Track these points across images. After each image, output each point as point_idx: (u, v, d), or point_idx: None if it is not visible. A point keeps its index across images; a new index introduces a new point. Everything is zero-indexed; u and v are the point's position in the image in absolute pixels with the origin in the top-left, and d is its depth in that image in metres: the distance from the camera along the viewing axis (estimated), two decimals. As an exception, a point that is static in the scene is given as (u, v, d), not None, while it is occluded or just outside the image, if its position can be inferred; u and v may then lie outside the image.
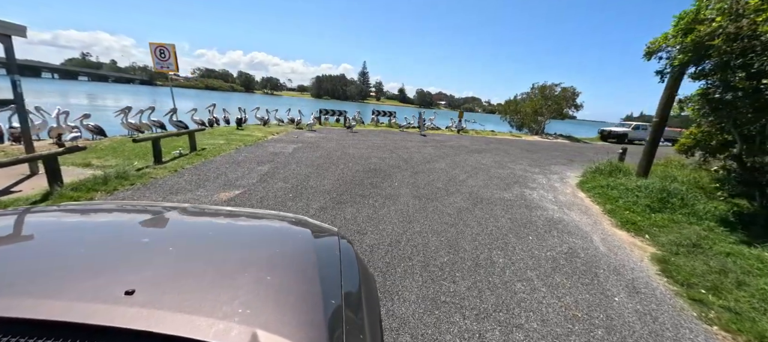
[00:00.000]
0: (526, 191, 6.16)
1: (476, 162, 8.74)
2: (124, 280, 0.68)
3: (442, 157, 9.01)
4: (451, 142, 12.63)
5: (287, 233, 1.16)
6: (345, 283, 0.87)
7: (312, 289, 0.78)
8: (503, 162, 9.23)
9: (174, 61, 8.69)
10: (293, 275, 0.82)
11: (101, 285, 0.67)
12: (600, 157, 12.30)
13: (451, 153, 9.88)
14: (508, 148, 12.45)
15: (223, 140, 8.32)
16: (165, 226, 1.08)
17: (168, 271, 0.77)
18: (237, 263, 0.84)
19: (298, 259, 0.92)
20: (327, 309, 0.72)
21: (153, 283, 0.69)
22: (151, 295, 0.64)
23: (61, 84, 74.00)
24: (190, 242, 0.98)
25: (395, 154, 8.62)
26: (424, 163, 7.80)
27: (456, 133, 16.97)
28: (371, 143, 10.39)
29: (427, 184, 5.87)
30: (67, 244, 0.88)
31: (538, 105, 20.01)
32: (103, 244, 0.91)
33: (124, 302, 0.61)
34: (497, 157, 10.06)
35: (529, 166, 9.05)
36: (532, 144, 15.23)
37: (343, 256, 1.01)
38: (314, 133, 11.92)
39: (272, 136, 10.19)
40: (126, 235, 0.98)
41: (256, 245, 1.02)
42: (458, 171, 7.32)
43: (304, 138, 10.45)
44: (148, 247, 0.87)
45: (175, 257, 0.84)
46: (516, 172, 7.90)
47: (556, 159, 10.95)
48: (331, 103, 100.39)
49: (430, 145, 11.13)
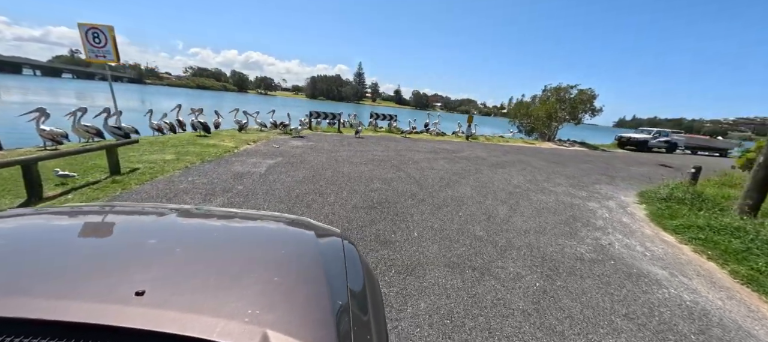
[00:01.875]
0: (599, 237, 4.23)
1: (506, 182, 6.79)
2: (134, 280, 0.68)
3: (461, 175, 7.05)
4: (464, 153, 10.69)
5: (291, 234, 1.16)
6: (350, 283, 0.87)
7: (319, 289, 0.77)
8: (538, 181, 7.31)
9: (113, 48, 6.58)
10: (300, 276, 0.83)
11: (112, 286, 0.67)
12: (635, 170, 10.45)
13: (471, 168, 7.93)
14: (530, 160, 10.55)
15: (173, 154, 6.22)
16: (171, 228, 1.07)
17: (176, 271, 0.77)
18: (244, 264, 0.85)
19: (304, 260, 0.91)
20: (335, 308, 0.71)
21: (162, 284, 0.69)
22: (161, 296, 0.64)
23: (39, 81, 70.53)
24: (197, 243, 0.98)
25: (403, 173, 6.63)
26: (443, 187, 5.82)
27: (465, 139, 15.05)
28: (371, 155, 8.38)
29: (460, 232, 3.88)
30: (76, 245, 0.89)
31: (553, 109, 18.20)
32: (111, 245, 0.90)
33: (135, 302, 0.61)
34: (526, 172, 8.14)
35: (572, 187, 7.14)
36: (553, 153, 13.38)
37: (347, 256, 1.01)
38: (302, 141, 9.87)
39: (247, 146, 8.13)
40: (134, 236, 0.97)
41: (261, 246, 1.01)
42: (492, 200, 5.36)
43: (288, 148, 8.40)
44: (156, 248, 0.87)
45: (182, 258, 0.84)
46: (563, 199, 5.97)
47: (592, 174, 9.06)
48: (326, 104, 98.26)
49: (443, 157, 9.17)
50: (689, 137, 20.92)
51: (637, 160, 14.16)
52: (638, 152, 18.12)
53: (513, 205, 5.22)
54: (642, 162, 13.39)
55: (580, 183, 7.70)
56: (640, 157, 15.26)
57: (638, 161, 13.53)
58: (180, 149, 6.64)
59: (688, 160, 16.04)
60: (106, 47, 6.59)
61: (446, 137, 15.52)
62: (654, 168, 11.73)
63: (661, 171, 11.01)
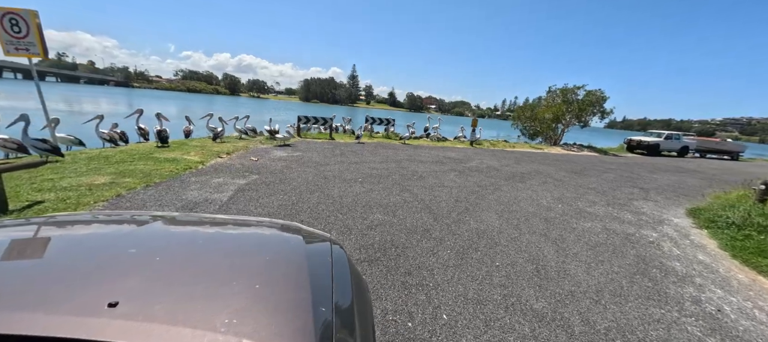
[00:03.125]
0: (696, 297, 2.96)
1: (533, 203, 5.52)
2: (107, 291, 0.65)
3: (478, 193, 5.76)
4: (473, 162, 9.42)
5: (278, 240, 1.12)
6: (336, 290, 0.85)
7: (302, 296, 0.75)
8: (568, 199, 6.06)
9: (37, 39, 5.16)
10: (283, 283, 0.80)
11: (83, 297, 0.64)
12: (662, 180, 9.28)
13: (487, 183, 6.65)
14: (547, 169, 9.33)
15: (111, 175, 4.78)
16: (153, 236, 1.03)
17: (154, 281, 0.74)
18: (225, 272, 0.82)
19: (288, 267, 0.89)
20: (317, 316, 0.70)
21: (138, 295, 0.67)
22: (135, 307, 0.62)
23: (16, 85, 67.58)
24: (178, 251, 0.94)
25: (409, 194, 5.31)
26: (462, 215, 4.52)
27: (469, 145, 13.81)
28: (368, 169, 7.04)
29: (508, 306, 2.56)
30: (46, 256, 0.84)
31: (560, 111, 17.08)
32: (86, 255, 0.86)
33: (107, 315, 0.59)
34: (550, 187, 6.89)
35: (609, 206, 5.91)
36: (566, 160, 12.20)
37: (335, 262, 0.99)
38: (287, 151, 8.49)
39: (217, 160, 6.73)
40: (111, 245, 0.94)
41: (245, 253, 0.99)
42: (529, 234, 4.07)
43: (269, 161, 7.03)
44: (134, 258, 0.84)
45: (162, 267, 0.81)
46: (611, 227, 4.74)
47: (621, 186, 7.86)
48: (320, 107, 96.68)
49: (450, 169, 7.88)
50: (700, 140, 20.01)
51: (655, 165, 13.07)
52: (649, 157, 17.11)
53: (558, 242, 3.93)
54: (662, 168, 12.29)
55: (615, 200, 6.48)
56: (657, 163, 14.19)
57: (657, 167, 12.44)
58: (124, 167, 5.21)
59: (707, 166, 15.05)
60: (28, 38, 5.15)
61: (448, 143, 14.26)
62: (679, 176, 10.61)
63: (689, 180, 9.89)
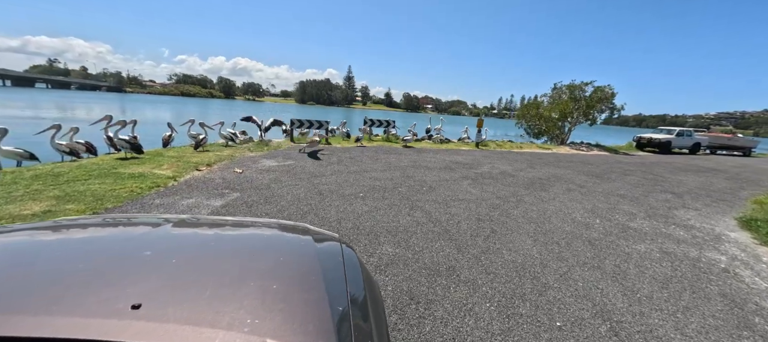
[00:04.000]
0: None
1: (567, 219, 4.67)
2: (129, 294, 0.66)
3: (501, 208, 4.89)
4: (484, 167, 8.56)
5: (289, 241, 1.12)
6: (350, 289, 0.85)
7: (318, 295, 0.75)
8: (602, 211, 5.22)
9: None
10: (298, 282, 0.80)
11: (107, 300, 0.64)
12: (688, 181, 8.46)
13: (506, 194, 5.78)
14: (565, 173, 8.50)
15: (50, 200, 3.79)
16: (167, 238, 1.03)
17: (173, 283, 0.74)
18: (241, 272, 0.82)
19: (302, 266, 0.89)
20: (334, 315, 0.70)
21: (159, 296, 0.67)
22: (157, 309, 0.62)
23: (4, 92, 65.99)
24: (194, 253, 0.95)
25: (421, 213, 4.43)
26: (489, 241, 3.65)
27: (475, 147, 12.96)
28: (369, 180, 6.16)
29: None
30: (69, 258, 0.85)
31: (568, 109, 16.28)
32: (105, 258, 0.87)
33: (132, 316, 0.59)
34: (576, 196, 6.04)
35: (651, 218, 5.08)
36: (581, 161, 11.38)
37: (346, 261, 0.98)
38: (276, 160, 7.59)
39: (194, 173, 5.81)
40: (128, 248, 0.93)
41: (259, 254, 0.98)
42: (579, 267, 3.20)
43: (255, 173, 6.12)
44: (151, 260, 0.84)
45: (179, 269, 0.80)
46: (667, 247, 3.92)
47: (651, 191, 7.03)
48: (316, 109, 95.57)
49: (461, 176, 7.02)
50: (712, 136, 19.31)
51: (672, 165, 12.28)
52: (661, 154, 16.36)
53: (619, 278, 3.06)
54: (681, 167, 11.50)
55: (653, 210, 5.64)
56: (673, 162, 13.41)
57: (676, 167, 11.65)
58: (73, 189, 4.26)
59: (725, 163, 14.29)
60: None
61: (452, 145, 13.40)
62: (703, 176, 9.82)
63: (716, 181, 9.09)
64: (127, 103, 51.55)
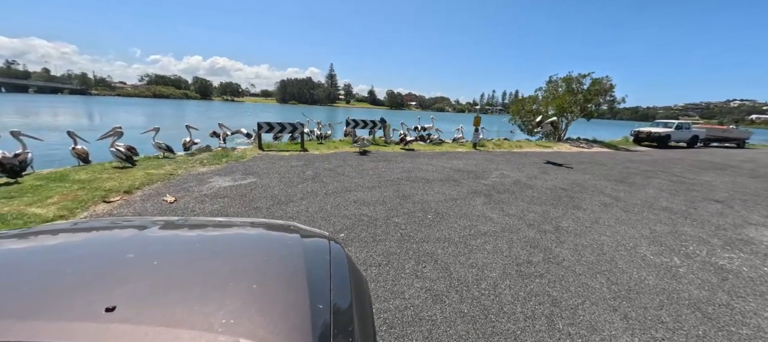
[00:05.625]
0: None
1: (641, 262, 3.28)
2: (104, 297, 0.64)
3: (539, 245, 3.46)
4: (492, 175, 7.17)
5: (275, 240, 1.10)
6: (334, 287, 0.83)
7: (299, 295, 0.74)
8: (663, 237, 3.90)
9: None
10: (280, 282, 0.79)
11: (80, 303, 0.63)
12: (717, 183, 7.34)
13: (537, 218, 4.37)
14: (585, 179, 7.23)
15: None
16: (152, 241, 1.00)
17: (152, 285, 0.72)
18: (223, 273, 0.81)
19: (285, 266, 0.88)
20: (314, 314, 0.69)
21: (136, 299, 0.66)
22: (133, 311, 0.61)
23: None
24: (176, 255, 0.93)
25: (432, 264, 2.93)
26: (552, 325, 2.18)
27: (472, 147, 11.59)
28: (353, 207, 4.61)
29: None
30: (43, 264, 0.82)
31: (566, 103, 15.19)
32: (83, 261, 0.84)
33: (104, 319, 0.58)
34: (621, 216, 4.71)
35: (730, 245, 3.82)
36: (590, 161, 10.21)
37: (333, 259, 0.97)
38: (233, 178, 5.89)
39: (98, 207, 4.08)
40: (109, 251, 0.92)
41: (243, 254, 0.97)
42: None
43: (194, 202, 4.46)
44: (132, 263, 0.82)
45: (159, 271, 0.79)
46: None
47: (692, 200, 5.82)
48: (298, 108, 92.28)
49: (470, 190, 5.57)
50: (708, 128, 18.85)
51: (682, 161, 11.32)
52: (660, 149, 15.59)
53: None
54: (693, 164, 10.53)
55: (719, 230, 4.39)
56: (681, 157, 12.51)
57: (689, 163, 10.68)
58: None
59: (730, 157, 13.54)
60: None
61: (447, 146, 11.99)
62: (726, 175, 8.82)
63: (741, 181, 8.08)
64: (93, 107, 47.55)
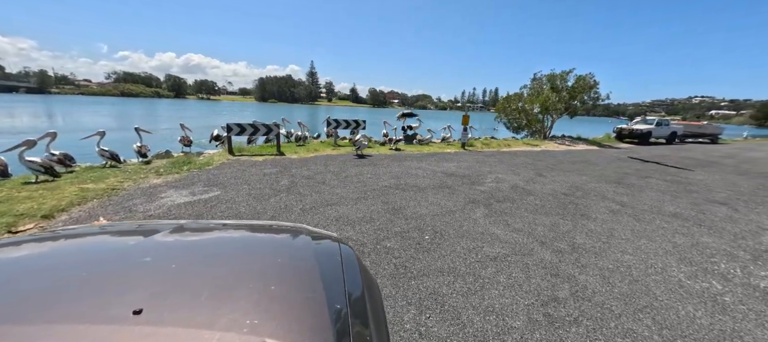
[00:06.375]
0: None
1: (679, 292, 2.77)
2: (130, 299, 0.65)
3: (560, 273, 2.89)
4: (487, 180, 6.63)
5: (287, 242, 1.12)
6: (348, 288, 0.84)
7: (316, 295, 0.75)
8: (698, 260, 3.46)
9: None
10: (296, 283, 0.80)
11: (108, 306, 0.64)
12: (707, 182, 7.15)
13: (550, 236, 3.83)
14: (583, 182, 6.83)
15: None
16: (167, 244, 1.00)
17: (174, 287, 0.73)
18: (240, 275, 0.81)
19: (300, 267, 0.89)
20: (332, 314, 0.70)
21: (160, 301, 0.67)
22: (158, 313, 0.62)
23: None
24: (193, 257, 0.94)
25: (438, 315, 2.28)
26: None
27: (461, 147, 11.09)
28: (332, 226, 3.89)
29: None
30: (69, 268, 0.83)
31: (550, 100, 15.03)
32: (106, 265, 0.85)
33: (133, 322, 0.59)
34: (635, 226, 4.26)
35: (761, 259, 3.38)
36: (581, 160, 9.94)
37: (344, 261, 0.97)
38: (192, 192, 5.02)
39: (26, 228, 3.17)
40: (128, 255, 0.92)
41: (257, 256, 0.98)
42: None
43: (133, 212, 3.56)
44: (151, 266, 0.83)
45: (179, 273, 0.80)
46: None
47: (696, 202, 5.51)
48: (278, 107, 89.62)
49: (467, 199, 4.98)
50: (686, 124, 19.39)
51: (671, 158, 11.31)
52: (641, 146, 15.77)
53: None
54: (682, 162, 10.50)
55: (740, 239, 4.03)
56: (667, 155, 12.55)
57: (678, 161, 10.64)
58: None
59: (708, 153, 13.80)
60: None
61: (435, 146, 11.43)
62: (715, 173, 8.73)
63: (731, 178, 7.98)
64: (52, 106, 43.86)
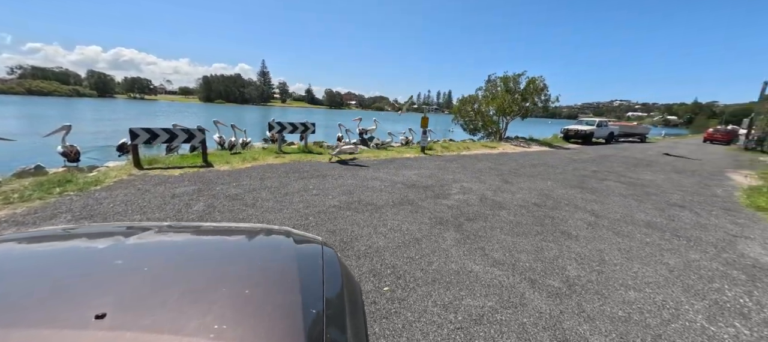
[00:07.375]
0: None
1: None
2: (94, 304, 0.64)
3: (563, 330, 2.12)
4: (453, 191, 5.91)
5: (268, 245, 1.10)
6: (327, 291, 0.83)
7: (292, 299, 0.74)
8: (698, 288, 2.96)
9: None
10: (273, 287, 0.79)
11: (70, 311, 0.63)
12: (663, 186, 7.28)
13: (540, 270, 3.11)
14: (550, 189, 6.46)
15: None
16: (142, 247, 0.98)
17: (142, 292, 0.71)
18: (215, 279, 0.80)
19: (277, 270, 0.88)
20: (307, 318, 0.68)
21: (126, 306, 0.65)
22: (123, 318, 0.61)
23: None
24: (168, 261, 0.92)
25: None
26: None
27: (420, 151, 10.40)
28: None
29: None
30: (32, 271, 0.81)
31: (505, 102, 15.15)
32: (72, 268, 0.84)
33: (94, 326, 0.58)
34: (623, 246, 3.78)
35: (759, 287, 3.01)
36: (541, 163, 9.83)
37: (325, 264, 0.96)
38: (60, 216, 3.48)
39: None
40: (98, 257, 0.90)
41: (235, 259, 0.97)
42: None
43: None
44: (122, 269, 0.81)
45: (150, 277, 0.78)
46: None
47: (662, 208, 5.35)
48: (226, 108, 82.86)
49: (433, 218, 4.15)
50: (621, 125, 21.18)
51: (615, 158, 11.83)
52: (586, 145, 16.69)
53: None
54: (626, 162, 10.99)
55: (715, 248, 3.73)
56: (611, 155, 13.19)
57: (623, 162, 11.11)
58: None
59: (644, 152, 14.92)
60: None
61: (393, 151, 10.61)
62: (659, 173, 9.13)
63: (675, 177, 8.33)
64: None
